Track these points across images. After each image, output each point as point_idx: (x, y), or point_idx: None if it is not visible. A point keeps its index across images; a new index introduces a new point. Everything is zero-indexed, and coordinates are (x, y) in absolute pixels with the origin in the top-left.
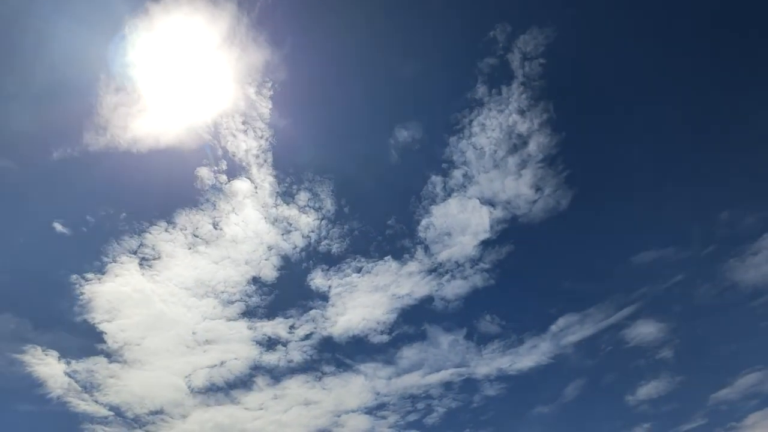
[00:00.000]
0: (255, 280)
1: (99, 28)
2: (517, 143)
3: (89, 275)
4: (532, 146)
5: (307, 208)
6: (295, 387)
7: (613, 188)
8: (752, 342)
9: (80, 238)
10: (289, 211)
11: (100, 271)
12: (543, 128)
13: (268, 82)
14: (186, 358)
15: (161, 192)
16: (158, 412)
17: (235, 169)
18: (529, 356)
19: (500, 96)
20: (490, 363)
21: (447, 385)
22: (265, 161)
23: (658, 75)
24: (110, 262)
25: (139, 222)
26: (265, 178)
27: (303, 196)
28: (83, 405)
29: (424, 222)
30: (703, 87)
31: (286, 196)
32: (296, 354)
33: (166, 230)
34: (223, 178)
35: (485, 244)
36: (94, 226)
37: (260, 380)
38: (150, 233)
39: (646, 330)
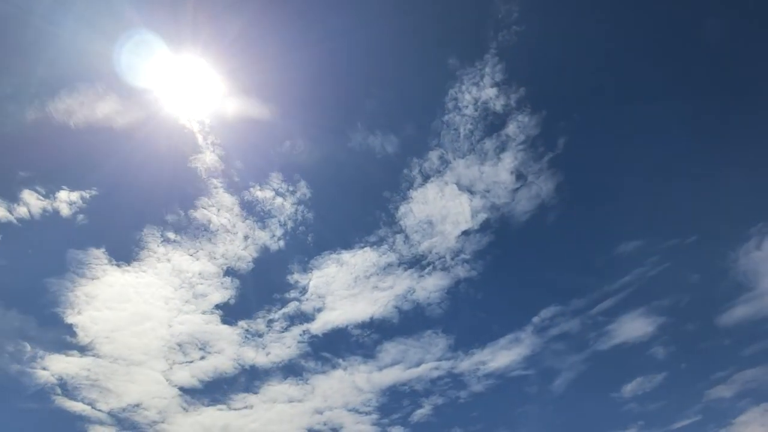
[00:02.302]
0: (231, 272)
1: None
2: (495, 122)
3: (55, 266)
4: (511, 127)
5: (282, 192)
6: (278, 384)
7: (599, 174)
8: (748, 336)
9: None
10: (264, 194)
11: (68, 261)
12: (522, 106)
13: (217, 38)
14: (164, 354)
15: (120, 171)
16: (137, 406)
17: (195, 144)
18: (513, 350)
19: (473, 68)
20: (473, 357)
21: (430, 380)
22: (211, 132)
23: (649, 48)
24: (76, 251)
25: (103, 207)
26: (213, 149)
27: (276, 178)
28: (60, 400)
29: (402, 209)
30: (694, 67)
31: (260, 177)
32: (276, 349)
33: (134, 217)
34: (185, 150)
35: (466, 234)
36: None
37: (241, 377)
38: (118, 220)
39: (635, 323)
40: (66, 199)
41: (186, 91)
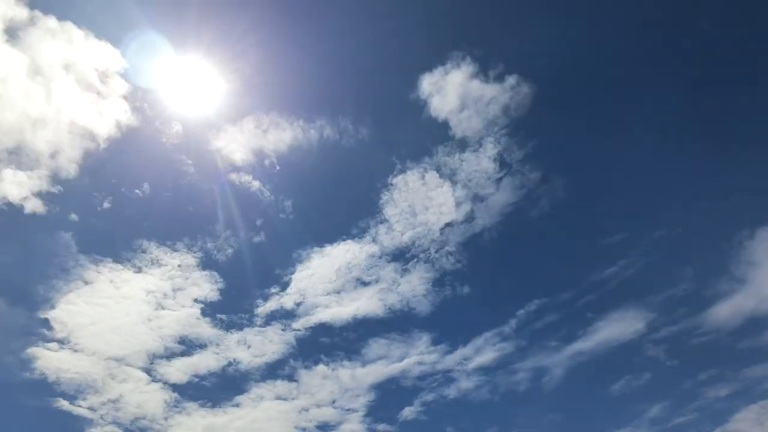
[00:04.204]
0: (212, 265)
1: None
2: (477, 102)
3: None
4: (492, 108)
5: (259, 176)
6: (262, 381)
7: (586, 163)
8: (743, 332)
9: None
10: (242, 178)
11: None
12: (501, 84)
13: (218, 37)
14: (145, 349)
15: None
16: (117, 401)
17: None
18: (499, 345)
19: (450, 46)
20: (459, 352)
21: (416, 377)
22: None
23: (635, 27)
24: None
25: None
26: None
27: (257, 165)
28: (38, 395)
29: (384, 197)
30: (686, 58)
31: (242, 167)
32: (259, 345)
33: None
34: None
35: (450, 226)
36: None
37: (224, 374)
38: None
39: (625, 318)
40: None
41: (186, 88)
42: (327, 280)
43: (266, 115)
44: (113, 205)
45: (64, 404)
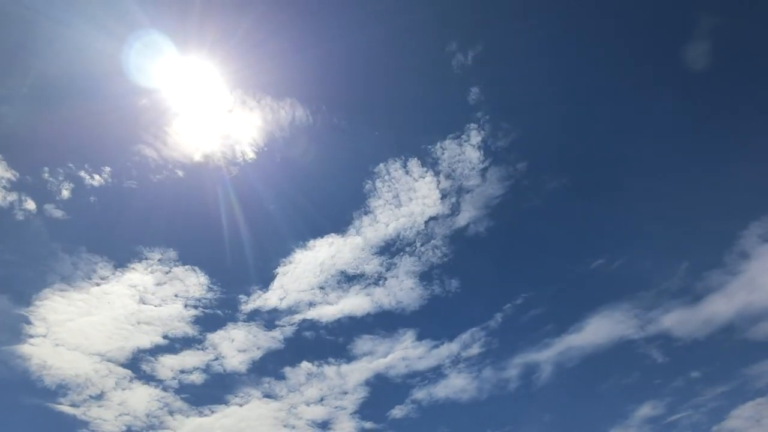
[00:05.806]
0: (195, 261)
1: None
2: (457, 84)
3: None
4: (474, 91)
5: (235, 164)
6: (247, 379)
7: (575, 153)
8: (740, 330)
9: None
10: (215, 164)
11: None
12: (480, 64)
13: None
14: (129, 345)
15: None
16: (100, 397)
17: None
18: (486, 340)
19: (423, 23)
20: (447, 349)
21: (405, 374)
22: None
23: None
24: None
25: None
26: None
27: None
28: (18, 391)
29: (367, 186)
30: (675, 42)
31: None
32: (245, 342)
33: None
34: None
35: (435, 219)
36: None
37: (210, 372)
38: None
39: (615, 315)
40: None
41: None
42: (311, 275)
43: (231, 94)
44: (73, 195)
45: (45, 402)
